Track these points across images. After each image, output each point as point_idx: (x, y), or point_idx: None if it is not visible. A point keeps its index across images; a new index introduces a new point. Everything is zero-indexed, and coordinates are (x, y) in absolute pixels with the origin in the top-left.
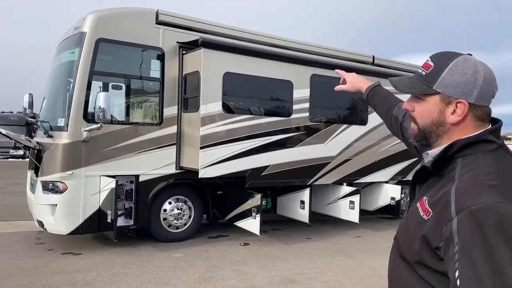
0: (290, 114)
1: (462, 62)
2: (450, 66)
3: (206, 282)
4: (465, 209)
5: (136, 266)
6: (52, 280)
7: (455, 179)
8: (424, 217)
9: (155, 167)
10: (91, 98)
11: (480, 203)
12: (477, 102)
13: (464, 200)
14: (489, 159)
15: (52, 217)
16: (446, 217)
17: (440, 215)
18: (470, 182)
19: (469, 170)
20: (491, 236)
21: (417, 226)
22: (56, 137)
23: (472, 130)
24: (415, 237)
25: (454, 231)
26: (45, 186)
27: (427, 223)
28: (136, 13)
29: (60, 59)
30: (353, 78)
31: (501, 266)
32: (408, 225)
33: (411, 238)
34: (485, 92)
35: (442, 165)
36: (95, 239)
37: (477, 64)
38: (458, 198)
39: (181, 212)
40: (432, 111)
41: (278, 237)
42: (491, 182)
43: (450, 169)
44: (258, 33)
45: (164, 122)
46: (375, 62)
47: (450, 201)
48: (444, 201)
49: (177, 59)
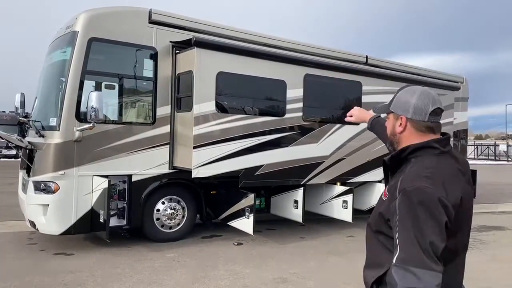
0: (283, 114)
1: (406, 90)
2: (400, 92)
3: (199, 282)
4: (403, 190)
5: (129, 266)
6: (44, 280)
7: (405, 172)
8: (383, 198)
9: (148, 167)
10: (83, 98)
11: (413, 185)
12: (413, 117)
13: (404, 184)
14: (432, 160)
15: (44, 217)
16: (394, 197)
17: (391, 196)
18: (412, 173)
19: (416, 165)
20: (416, 208)
21: (379, 205)
22: (48, 136)
23: (415, 138)
24: (376, 214)
25: (396, 206)
26: (37, 186)
27: (384, 203)
28: (129, 12)
29: (52, 58)
30: (357, 112)
31: (422, 227)
32: (376, 206)
33: (375, 215)
34: (419, 109)
35: (401, 162)
36: (87, 239)
37: (417, 90)
38: (402, 183)
39: (174, 212)
40: (391, 125)
41: (272, 237)
42: (425, 174)
43: (406, 165)
44: (251, 33)
45: (157, 122)
46: (369, 62)
47: (398, 186)
48: (395, 187)
49: (170, 58)
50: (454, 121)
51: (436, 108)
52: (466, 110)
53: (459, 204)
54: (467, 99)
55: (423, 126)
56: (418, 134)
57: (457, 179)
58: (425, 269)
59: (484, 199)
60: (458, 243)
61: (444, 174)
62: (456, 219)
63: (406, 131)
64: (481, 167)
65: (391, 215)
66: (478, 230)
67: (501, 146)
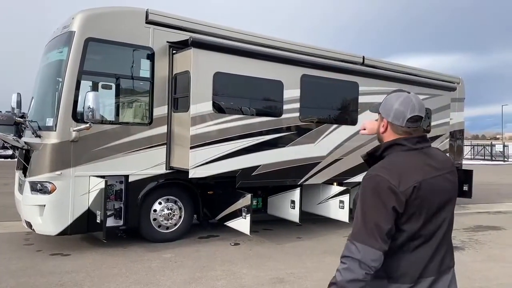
0: (280, 114)
1: (394, 94)
2: (389, 95)
3: (196, 282)
4: (363, 178)
5: (126, 267)
6: (40, 281)
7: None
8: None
9: (145, 167)
10: (80, 98)
11: (370, 174)
12: (392, 121)
13: (366, 174)
14: (398, 155)
15: (41, 217)
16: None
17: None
18: (376, 166)
19: (384, 160)
20: (366, 191)
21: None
22: (45, 137)
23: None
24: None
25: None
26: (33, 187)
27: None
28: (125, 13)
29: (49, 58)
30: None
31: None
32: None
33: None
34: (398, 115)
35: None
36: (84, 239)
37: (401, 96)
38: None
39: (171, 212)
40: (378, 124)
41: (269, 237)
42: (384, 166)
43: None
44: (248, 33)
45: (154, 122)
46: (365, 63)
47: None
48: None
49: (167, 58)
50: (451, 121)
51: (414, 115)
52: (463, 110)
53: (411, 193)
54: (464, 100)
55: (400, 130)
56: (396, 136)
57: (419, 172)
58: (366, 245)
59: (480, 199)
60: (422, 229)
61: (404, 167)
62: (411, 206)
63: (387, 132)
64: (477, 167)
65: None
66: (474, 230)
67: (497, 146)
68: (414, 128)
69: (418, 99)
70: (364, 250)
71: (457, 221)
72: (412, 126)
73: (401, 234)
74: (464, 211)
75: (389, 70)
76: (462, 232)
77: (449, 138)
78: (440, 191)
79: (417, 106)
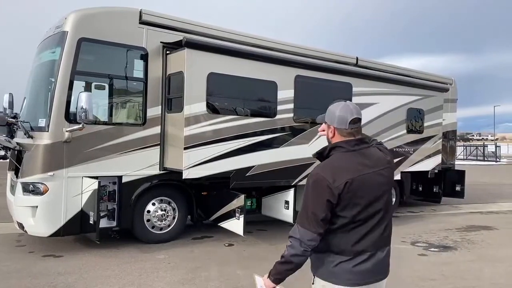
0: (274, 115)
1: (334, 104)
2: (330, 106)
3: (189, 283)
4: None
5: (119, 268)
6: (33, 283)
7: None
8: None
9: (139, 168)
10: (73, 98)
11: (313, 172)
12: (337, 126)
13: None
14: (339, 156)
15: (33, 219)
16: None
17: None
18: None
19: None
20: (308, 186)
21: None
22: (37, 137)
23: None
24: None
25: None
26: (26, 188)
27: None
28: (119, 13)
29: (41, 59)
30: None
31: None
32: None
33: None
34: (341, 120)
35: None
36: (77, 241)
37: (340, 104)
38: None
39: (165, 213)
40: (326, 131)
41: (263, 238)
42: (324, 165)
43: None
44: (242, 34)
45: (147, 123)
46: (359, 63)
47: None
48: None
49: (161, 59)
50: (443, 122)
51: (354, 117)
52: (455, 111)
53: (343, 188)
54: (456, 100)
55: (345, 132)
56: (342, 138)
57: (352, 171)
58: (304, 228)
59: (472, 199)
60: (359, 215)
61: (340, 166)
62: (344, 198)
63: (335, 137)
64: (469, 167)
65: None
66: (467, 229)
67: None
68: (356, 129)
69: (354, 105)
70: (302, 232)
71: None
72: (354, 127)
73: (339, 219)
74: (456, 211)
75: (382, 71)
76: (455, 232)
77: (442, 138)
78: (374, 185)
79: (355, 110)
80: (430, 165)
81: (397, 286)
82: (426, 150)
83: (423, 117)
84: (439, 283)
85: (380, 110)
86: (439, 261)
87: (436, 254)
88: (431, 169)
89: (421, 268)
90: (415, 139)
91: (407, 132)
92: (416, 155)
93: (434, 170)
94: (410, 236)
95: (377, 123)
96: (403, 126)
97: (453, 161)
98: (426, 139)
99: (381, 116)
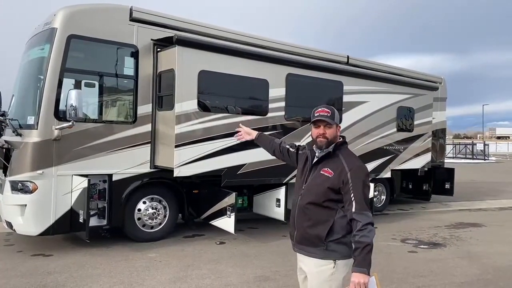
0: (266, 113)
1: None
2: (336, 112)
3: (180, 281)
4: (354, 167)
5: (109, 267)
6: (22, 282)
7: (342, 158)
8: (329, 176)
9: (129, 166)
10: (62, 96)
11: (359, 164)
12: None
13: (351, 164)
14: (348, 150)
15: (22, 217)
16: (343, 172)
17: (340, 173)
18: (350, 158)
19: (346, 154)
20: (364, 178)
21: (324, 181)
22: (26, 135)
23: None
24: (323, 188)
25: (349, 178)
26: (14, 186)
27: (331, 179)
28: (109, 9)
29: (30, 56)
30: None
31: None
32: (315, 184)
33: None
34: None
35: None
36: (66, 240)
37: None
38: (347, 164)
39: (155, 211)
40: (335, 131)
41: (254, 236)
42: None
43: (335, 155)
44: (234, 32)
45: (138, 120)
46: (350, 62)
47: (344, 166)
48: (341, 167)
49: (152, 56)
50: (433, 120)
51: None
52: (445, 109)
53: None
54: (445, 99)
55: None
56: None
57: None
58: (370, 212)
59: (461, 197)
60: None
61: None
62: None
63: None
64: (458, 165)
65: (343, 184)
66: (456, 227)
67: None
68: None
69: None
70: (370, 215)
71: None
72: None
73: None
74: (445, 208)
75: (373, 69)
76: (444, 229)
77: (431, 137)
78: None
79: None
80: (420, 163)
81: (387, 282)
82: (416, 148)
83: (413, 115)
84: (429, 279)
85: (370, 109)
86: (428, 257)
87: (426, 251)
88: (421, 167)
89: (411, 265)
90: (405, 137)
91: (397, 131)
92: (406, 153)
93: (424, 168)
94: (400, 234)
95: (367, 121)
96: (393, 124)
97: (442, 159)
98: (416, 137)
99: (371, 114)
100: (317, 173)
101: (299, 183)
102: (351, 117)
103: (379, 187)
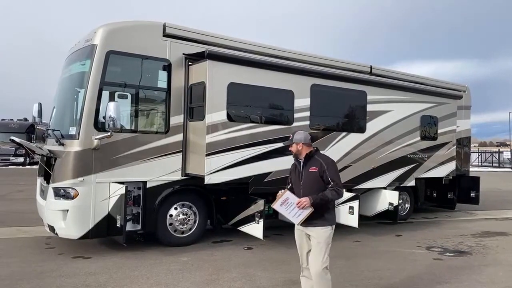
0: (291, 123)
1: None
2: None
3: (214, 283)
4: (327, 161)
5: (146, 269)
6: (66, 282)
7: (319, 158)
8: (315, 171)
9: (162, 173)
10: (101, 108)
11: (330, 160)
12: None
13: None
14: (321, 153)
15: (64, 222)
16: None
17: (321, 166)
18: (323, 157)
19: (320, 156)
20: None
21: (315, 174)
22: (68, 145)
23: (308, 149)
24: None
25: (326, 168)
26: (57, 192)
27: (317, 172)
28: (144, 26)
29: (71, 70)
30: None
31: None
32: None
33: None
34: (307, 139)
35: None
36: (102, 243)
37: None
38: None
39: (186, 217)
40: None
41: (280, 242)
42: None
43: (314, 159)
44: (260, 45)
45: (170, 130)
46: (373, 72)
47: (322, 162)
48: (320, 164)
49: (183, 70)
50: (457, 129)
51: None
52: (469, 118)
53: None
54: (470, 107)
55: (309, 144)
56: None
57: None
58: (343, 189)
59: (487, 206)
60: None
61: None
62: None
63: (303, 148)
64: (484, 174)
65: (323, 172)
66: (482, 235)
67: (505, 153)
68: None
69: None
70: (343, 191)
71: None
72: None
73: None
74: (471, 217)
75: (396, 79)
76: (469, 238)
77: (456, 145)
78: None
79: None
80: (444, 172)
81: None
82: (440, 156)
83: (437, 124)
84: (454, 286)
85: (394, 118)
86: (454, 265)
87: (452, 258)
88: (445, 175)
89: (437, 272)
90: (429, 145)
91: (421, 139)
92: (430, 162)
93: (448, 177)
94: (425, 242)
95: (391, 130)
96: (417, 133)
97: (467, 167)
98: (440, 146)
99: (395, 123)
100: (307, 171)
101: (296, 181)
102: (375, 126)
103: (403, 196)
